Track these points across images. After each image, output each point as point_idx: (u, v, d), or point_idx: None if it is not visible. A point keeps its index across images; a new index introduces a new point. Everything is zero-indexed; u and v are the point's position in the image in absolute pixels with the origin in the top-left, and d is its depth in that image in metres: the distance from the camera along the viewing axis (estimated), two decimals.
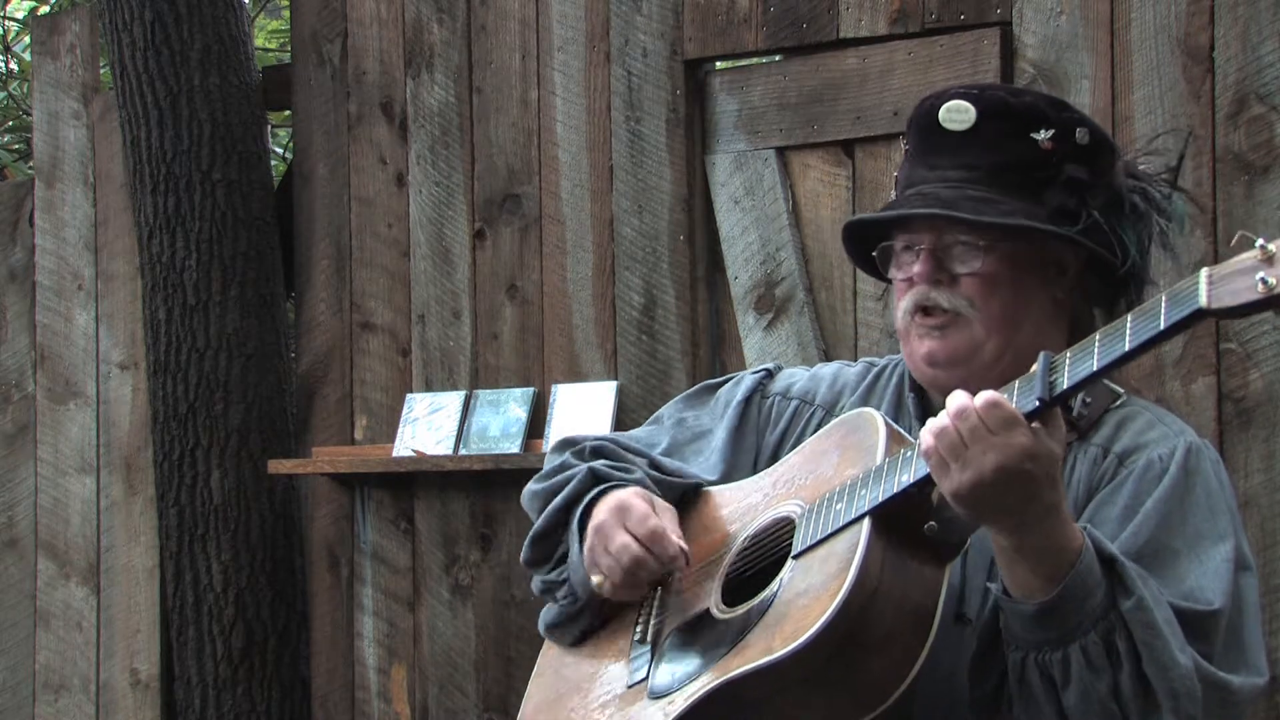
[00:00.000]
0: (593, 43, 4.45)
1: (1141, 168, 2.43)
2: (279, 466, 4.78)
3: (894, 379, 2.52)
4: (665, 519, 2.43)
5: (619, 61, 4.41)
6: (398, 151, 4.75)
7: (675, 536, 2.39)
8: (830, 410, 2.53)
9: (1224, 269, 1.90)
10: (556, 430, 4.35)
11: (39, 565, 5.28)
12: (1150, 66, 3.74)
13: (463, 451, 4.50)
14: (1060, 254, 2.37)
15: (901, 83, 4.02)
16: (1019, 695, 2.15)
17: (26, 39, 6.47)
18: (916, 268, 2.37)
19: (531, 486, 2.63)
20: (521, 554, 2.62)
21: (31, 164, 5.63)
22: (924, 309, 2.37)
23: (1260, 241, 1.88)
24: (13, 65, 7.18)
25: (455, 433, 4.55)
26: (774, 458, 2.51)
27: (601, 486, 2.50)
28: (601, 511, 2.44)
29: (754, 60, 4.45)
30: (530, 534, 2.58)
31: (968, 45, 3.95)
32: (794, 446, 2.50)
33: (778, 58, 4.40)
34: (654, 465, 2.57)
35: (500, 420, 4.50)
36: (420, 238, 4.70)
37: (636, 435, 2.67)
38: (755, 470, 2.52)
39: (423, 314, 4.70)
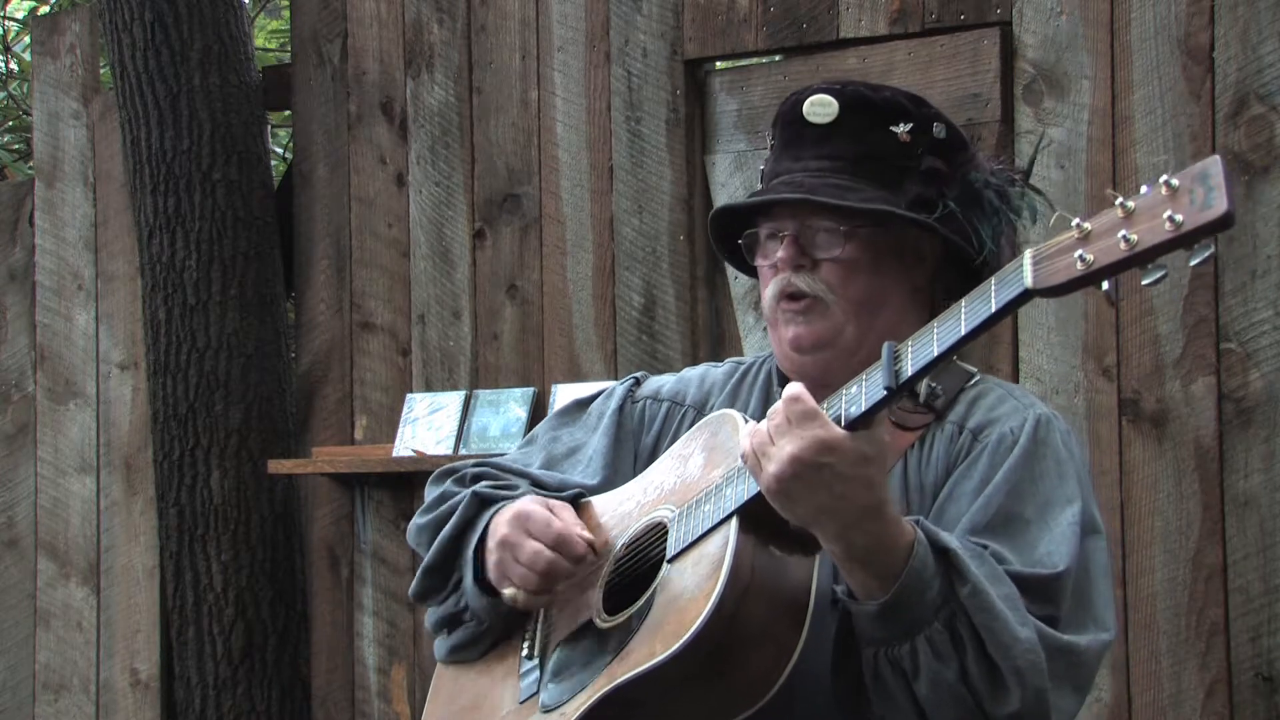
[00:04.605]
0: (593, 43, 4.45)
1: (997, 166, 2.50)
2: (279, 466, 4.78)
3: (761, 375, 2.57)
4: (565, 516, 2.44)
5: (619, 61, 4.41)
6: (398, 151, 4.76)
7: (579, 532, 2.42)
8: (701, 409, 2.57)
9: (1046, 250, 1.96)
10: None
11: (39, 565, 5.28)
12: (1150, 66, 3.74)
13: (463, 451, 4.50)
14: (918, 242, 2.44)
15: (902, 83, 3.99)
16: (874, 690, 2.20)
17: (26, 39, 6.47)
18: (780, 253, 2.43)
19: (416, 521, 2.63)
20: (411, 588, 2.63)
21: (31, 164, 5.63)
22: (788, 295, 2.42)
23: (1076, 221, 1.94)
24: (13, 65, 7.17)
25: (455, 433, 4.55)
26: (651, 459, 2.55)
27: (495, 508, 2.51)
28: (502, 526, 2.44)
29: (754, 60, 4.45)
30: (421, 567, 2.58)
31: (968, 45, 3.95)
32: (668, 447, 2.53)
33: (778, 58, 4.40)
34: (535, 483, 2.59)
35: (500, 420, 4.50)
36: (420, 238, 4.70)
37: (511, 457, 2.69)
38: (634, 474, 2.56)
39: (423, 314, 4.70)
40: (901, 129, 2.42)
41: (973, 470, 2.32)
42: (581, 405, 2.70)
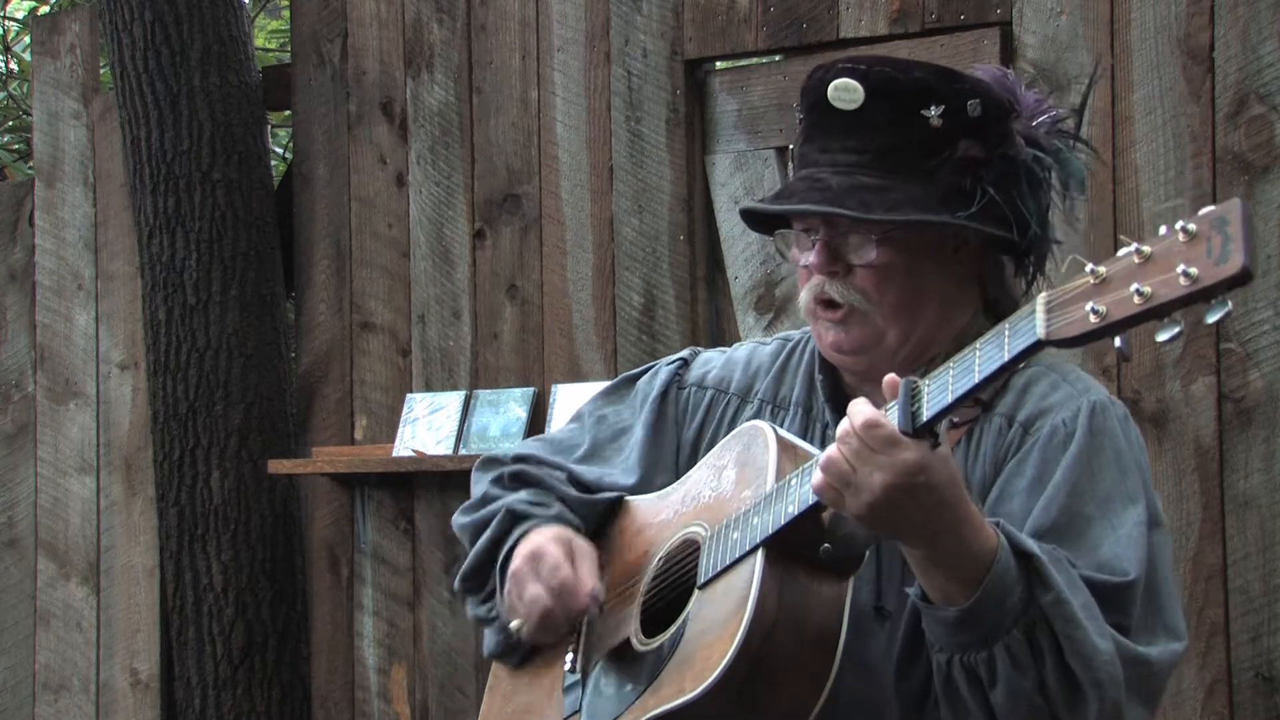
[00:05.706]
0: (593, 43, 4.45)
1: (1037, 123, 2.35)
2: (279, 466, 4.78)
3: (805, 357, 2.48)
4: (580, 565, 2.39)
5: (619, 61, 4.41)
6: (398, 151, 4.76)
7: (587, 584, 2.37)
8: (745, 397, 2.50)
9: (1060, 296, 1.87)
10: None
11: (39, 565, 5.28)
12: (1150, 66, 3.74)
13: (463, 452, 4.50)
14: (959, 229, 2.32)
15: None
16: (945, 696, 2.14)
17: (26, 39, 6.47)
18: (812, 258, 2.33)
19: (459, 519, 2.61)
20: (455, 583, 2.62)
21: (31, 164, 5.63)
22: (823, 302, 2.34)
23: (1090, 267, 1.84)
24: (13, 65, 7.17)
25: (455, 433, 4.55)
26: (693, 451, 2.50)
27: (521, 529, 2.48)
28: (517, 558, 2.42)
29: (754, 60, 4.45)
30: (461, 571, 2.58)
31: (968, 45, 3.95)
32: (710, 440, 2.48)
33: (778, 58, 4.40)
34: (573, 478, 2.55)
35: (500, 420, 4.50)
36: (420, 238, 4.70)
37: (557, 437, 2.64)
38: (676, 466, 2.51)
39: (423, 314, 4.70)
40: (933, 113, 2.27)
41: (1024, 466, 2.23)
42: (630, 381, 2.62)
